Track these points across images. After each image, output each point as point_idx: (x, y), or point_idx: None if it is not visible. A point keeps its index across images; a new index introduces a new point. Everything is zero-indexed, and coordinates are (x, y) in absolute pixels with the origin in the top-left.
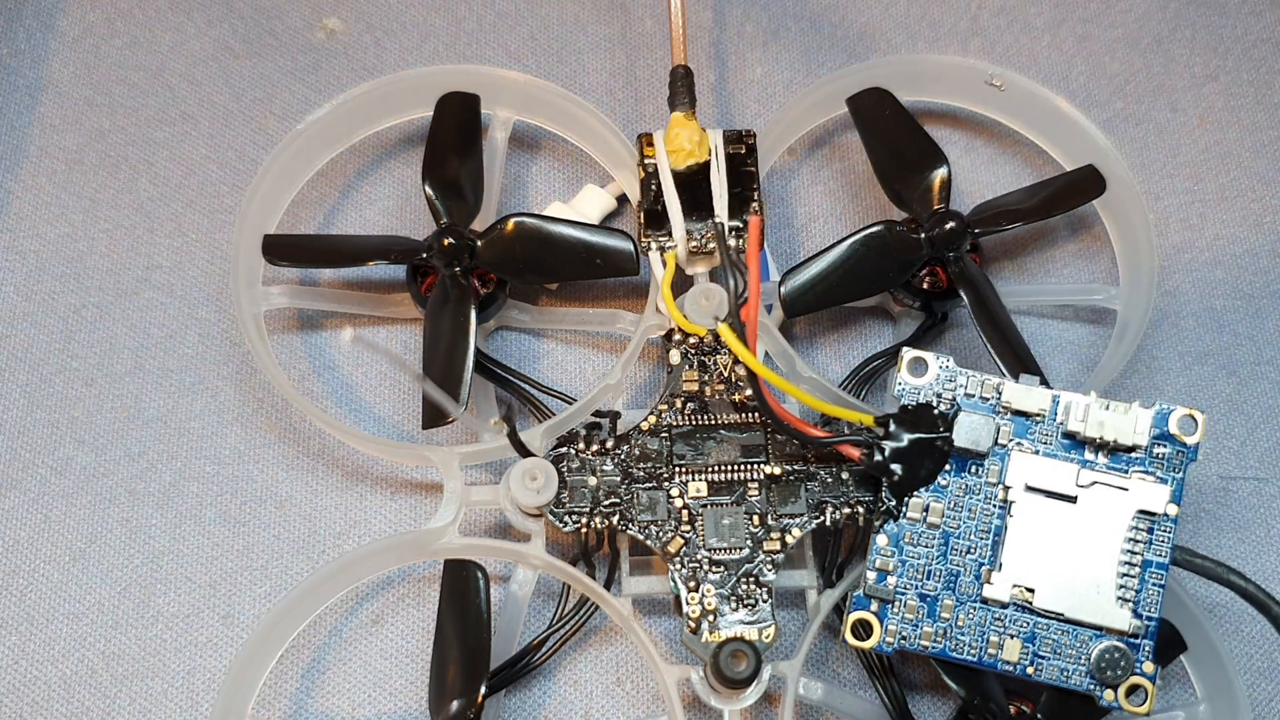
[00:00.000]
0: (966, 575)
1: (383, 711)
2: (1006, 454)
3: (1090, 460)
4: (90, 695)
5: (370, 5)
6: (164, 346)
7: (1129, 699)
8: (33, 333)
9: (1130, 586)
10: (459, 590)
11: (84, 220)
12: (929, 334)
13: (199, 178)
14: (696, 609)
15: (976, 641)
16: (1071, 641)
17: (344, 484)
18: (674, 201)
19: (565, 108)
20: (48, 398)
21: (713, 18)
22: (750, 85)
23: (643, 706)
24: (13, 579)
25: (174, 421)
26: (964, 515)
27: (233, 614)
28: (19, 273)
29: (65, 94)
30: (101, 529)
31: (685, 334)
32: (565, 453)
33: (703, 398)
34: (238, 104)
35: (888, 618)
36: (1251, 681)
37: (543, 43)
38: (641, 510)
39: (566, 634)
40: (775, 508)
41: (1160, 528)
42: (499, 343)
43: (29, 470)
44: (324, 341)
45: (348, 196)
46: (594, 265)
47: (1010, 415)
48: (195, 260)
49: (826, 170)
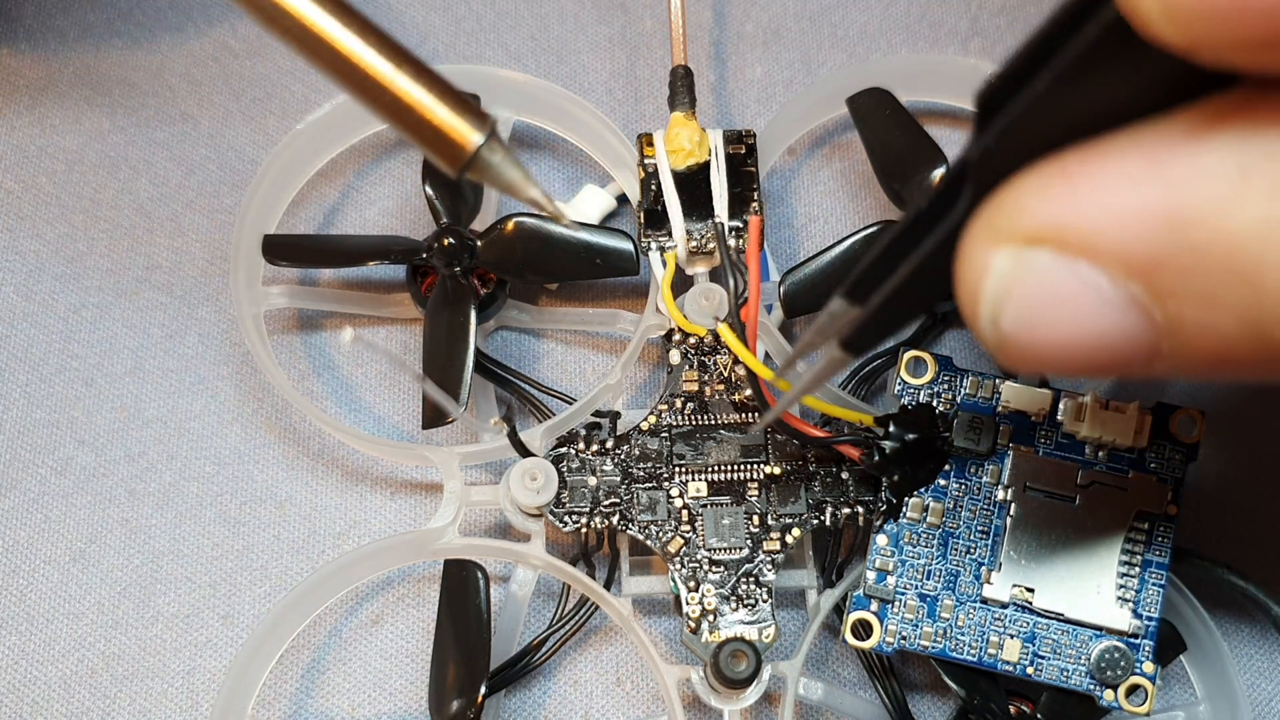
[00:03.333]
0: (966, 575)
1: (383, 711)
2: (1006, 454)
3: (1090, 460)
4: (90, 695)
5: (370, 5)
6: (164, 346)
7: (1129, 699)
8: (32, 333)
9: (1130, 587)
10: (459, 590)
11: (84, 220)
12: (929, 334)
13: (199, 178)
14: (696, 609)
15: (976, 641)
16: (1071, 641)
17: (344, 484)
18: (674, 201)
19: (565, 108)
20: (48, 398)
21: (713, 18)
22: (750, 85)
23: (643, 706)
24: (12, 579)
25: (174, 421)
26: (964, 515)
27: (233, 614)
28: (19, 273)
29: (65, 94)
30: (101, 529)
31: (685, 334)
32: (565, 453)
33: (703, 398)
34: (238, 104)
35: (888, 618)
36: (1251, 681)
37: (543, 43)
38: (641, 510)
39: (566, 634)
40: (775, 508)
41: (1160, 528)
42: (499, 343)
43: (29, 470)
44: (324, 341)
45: (348, 196)
46: (594, 265)
47: (1010, 415)
48: (195, 260)
49: (826, 170)
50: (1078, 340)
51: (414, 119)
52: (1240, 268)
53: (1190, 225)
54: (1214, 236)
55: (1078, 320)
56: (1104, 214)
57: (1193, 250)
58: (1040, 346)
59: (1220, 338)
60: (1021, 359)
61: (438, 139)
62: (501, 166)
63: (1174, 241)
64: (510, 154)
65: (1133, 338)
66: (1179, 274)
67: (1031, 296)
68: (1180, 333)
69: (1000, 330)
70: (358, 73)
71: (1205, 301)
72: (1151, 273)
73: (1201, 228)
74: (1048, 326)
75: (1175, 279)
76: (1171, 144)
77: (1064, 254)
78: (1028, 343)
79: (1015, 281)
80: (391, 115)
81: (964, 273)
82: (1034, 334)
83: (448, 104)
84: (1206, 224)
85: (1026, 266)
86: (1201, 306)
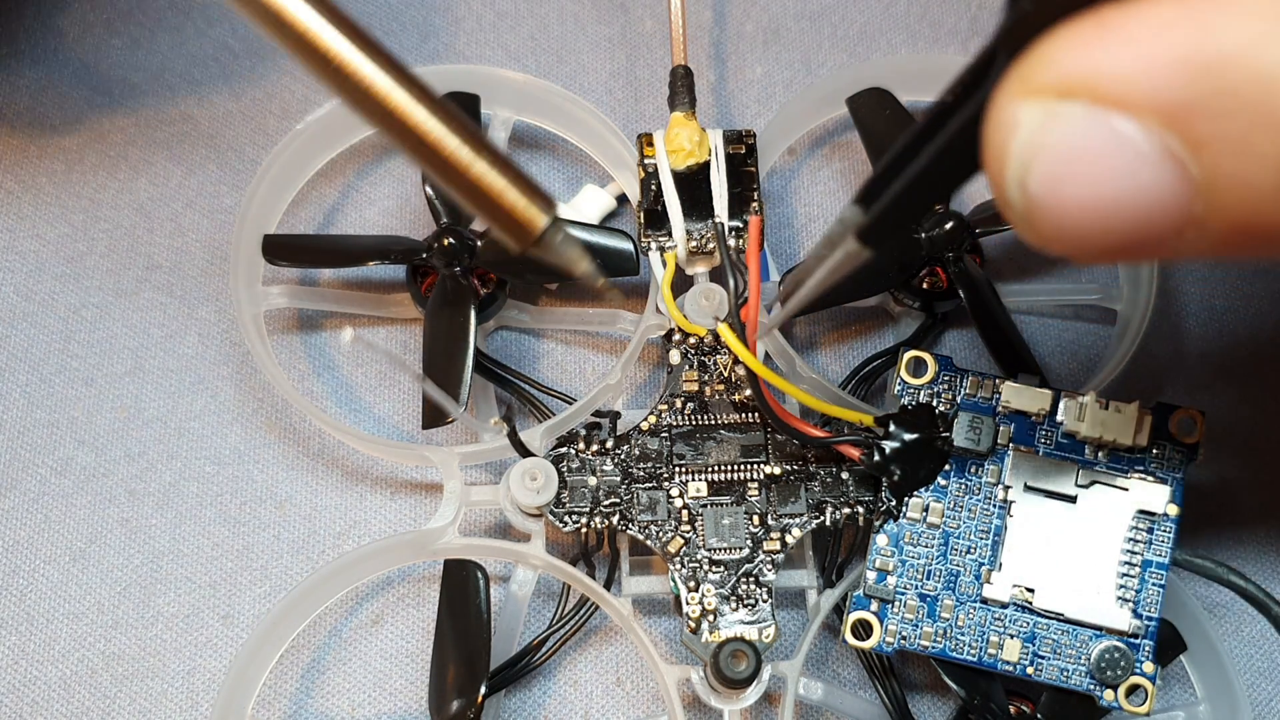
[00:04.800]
0: (966, 575)
1: (383, 711)
2: (1006, 454)
3: (1090, 460)
4: (90, 695)
5: (370, 5)
6: (164, 346)
7: (1129, 699)
8: (32, 333)
9: (1130, 587)
10: (459, 590)
11: (84, 220)
12: (929, 334)
13: (199, 178)
14: (696, 609)
15: (976, 641)
16: (1071, 641)
17: (344, 484)
18: (674, 201)
19: (565, 108)
20: (48, 398)
21: (713, 18)
22: (750, 85)
23: (643, 706)
24: (12, 579)
25: (174, 421)
26: (964, 515)
27: (233, 614)
28: (19, 273)
29: (65, 94)
30: (101, 529)
31: (685, 334)
32: (565, 453)
33: (703, 398)
34: (238, 104)
35: (888, 618)
36: (1251, 681)
37: (543, 43)
38: (641, 510)
39: (566, 634)
40: (775, 508)
41: (1160, 528)
42: (499, 343)
43: (29, 470)
44: (324, 341)
45: (348, 196)
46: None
47: (1010, 415)
48: (195, 260)
49: (826, 170)
50: (1110, 201)
51: (489, 201)
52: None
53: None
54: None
55: (1110, 177)
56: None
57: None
58: (1070, 209)
59: (1256, 193)
60: (1049, 226)
61: (509, 220)
62: (562, 245)
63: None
64: (569, 233)
65: (1167, 197)
66: (1215, 121)
67: (1062, 152)
68: (1215, 188)
69: (1027, 192)
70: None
71: (1242, 150)
72: (1187, 121)
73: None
74: (1078, 185)
75: (1211, 126)
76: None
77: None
78: (1057, 204)
79: (1045, 136)
80: (468, 196)
81: (992, 132)
82: (1064, 195)
83: (519, 187)
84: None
85: (1058, 119)
86: (1238, 156)
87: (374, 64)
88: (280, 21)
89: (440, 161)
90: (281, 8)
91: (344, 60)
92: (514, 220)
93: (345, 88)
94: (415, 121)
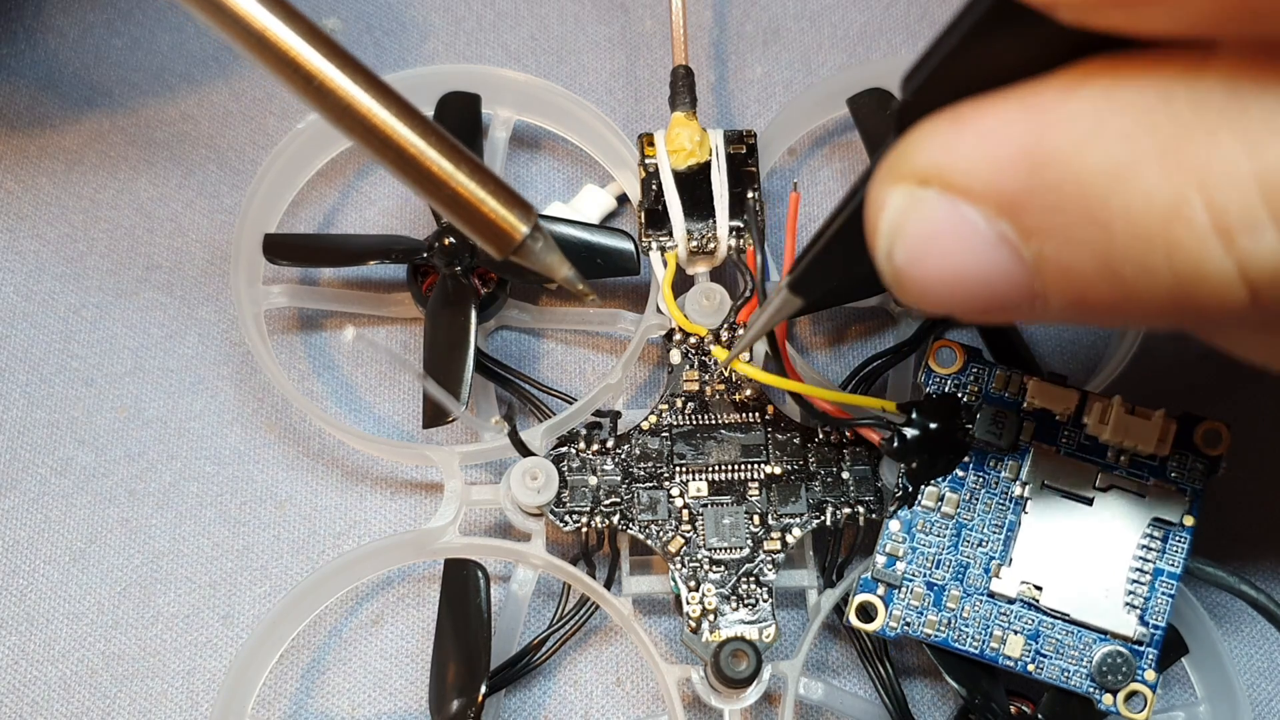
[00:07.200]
0: (976, 568)
1: (383, 711)
2: (1028, 450)
3: (1111, 464)
4: (90, 695)
5: (370, 5)
6: (164, 346)
7: (1127, 704)
8: (32, 333)
9: (1139, 593)
10: (459, 590)
11: (84, 220)
12: (930, 334)
13: (199, 178)
14: (697, 609)
15: (979, 634)
16: (1075, 643)
17: (344, 484)
18: (675, 201)
19: (565, 107)
20: (48, 398)
21: (713, 18)
22: (750, 85)
23: (643, 706)
24: (12, 579)
25: (174, 421)
26: (979, 508)
27: (233, 614)
28: (19, 273)
29: (65, 94)
30: (101, 529)
31: (686, 334)
32: (565, 452)
33: (703, 397)
34: (238, 104)
35: (893, 603)
36: (1251, 681)
37: (543, 43)
38: (642, 510)
39: (566, 634)
40: (776, 507)
41: (1175, 537)
42: (499, 343)
43: (29, 470)
44: (324, 341)
45: (348, 196)
46: (594, 265)
47: (1034, 412)
48: (195, 260)
49: (826, 170)
50: (959, 275)
51: (469, 211)
52: (1091, 207)
53: (1050, 164)
54: (1069, 175)
55: (958, 256)
56: (980, 154)
57: (1052, 189)
58: (928, 280)
59: (1081, 277)
60: (913, 293)
61: (489, 229)
62: (542, 252)
63: (1039, 181)
64: (549, 240)
65: (1007, 276)
66: (1041, 212)
67: (919, 232)
68: (1045, 272)
69: (894, 263)
70: (420, 169)
71: (1064, 240)
72: (1018, 210)
73: (1059, 167)
74: (932, 261)
75: (1038, 217)
76: (1046, 93)
77: (947, 192)
78: (920, 276)
79: (906, 217)
80: (449, 207)
81: (868, 209)
82: (922, 268)
83: (498, 198)
84: (1063, 163)
85: (917, 203)
86: (1061, 245)
87: (350, 79)
88: (259, 40)
89: (418, 173)
90: (260, 27)
91: (323, 77)
92: (494, 228)
93: (324, 104)
94: (393, 135)
